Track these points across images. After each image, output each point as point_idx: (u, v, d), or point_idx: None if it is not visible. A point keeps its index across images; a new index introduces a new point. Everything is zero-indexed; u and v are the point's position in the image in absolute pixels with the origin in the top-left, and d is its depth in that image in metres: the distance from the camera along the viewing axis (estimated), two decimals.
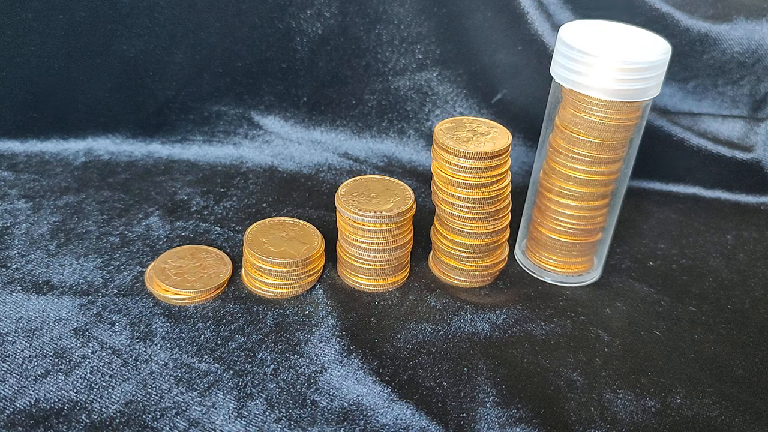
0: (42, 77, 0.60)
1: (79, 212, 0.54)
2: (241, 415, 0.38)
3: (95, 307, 0.44)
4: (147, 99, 0.63)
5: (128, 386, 0.39)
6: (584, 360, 0.43)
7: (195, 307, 0.45)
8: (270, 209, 0.56)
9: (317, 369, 0.41)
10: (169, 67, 0.62)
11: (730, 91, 0.64)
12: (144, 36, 0.60)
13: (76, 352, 0.41)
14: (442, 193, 0.46)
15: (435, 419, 0.38)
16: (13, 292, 0.45)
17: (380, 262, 0.47)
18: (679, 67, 0.63)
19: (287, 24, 0.61)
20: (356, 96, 0.65)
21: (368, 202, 0.46)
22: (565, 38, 0.43)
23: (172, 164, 0.62)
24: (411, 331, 0.44)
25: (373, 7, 0.61)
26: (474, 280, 0.49)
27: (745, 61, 0.62)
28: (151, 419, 0.37)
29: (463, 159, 0.43)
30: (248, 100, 0.65)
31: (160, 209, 0.55)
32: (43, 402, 0.38)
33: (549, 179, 0.48)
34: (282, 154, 0.64)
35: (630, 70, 0.41)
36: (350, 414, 0.38)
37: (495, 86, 0.64)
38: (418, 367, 0.42)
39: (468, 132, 0.46)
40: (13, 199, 0.55)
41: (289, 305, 0.46)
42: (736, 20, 0.61)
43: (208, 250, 0.50)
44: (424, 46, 0.63)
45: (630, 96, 0.42)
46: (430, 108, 0.65)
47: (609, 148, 0.45)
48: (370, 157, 0.65)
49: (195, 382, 0.39)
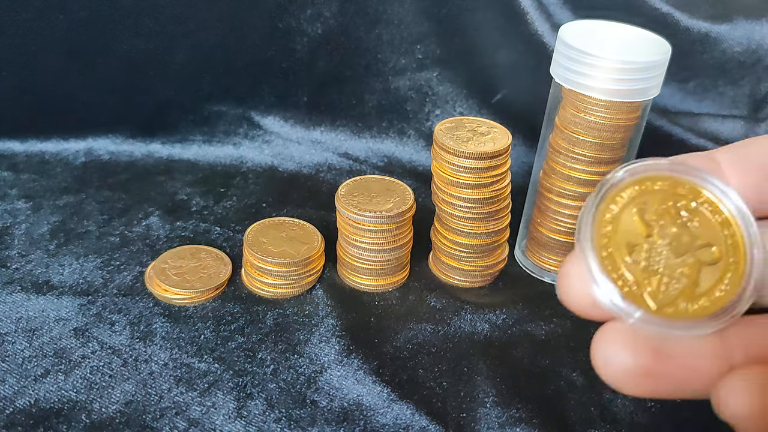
0: (42, 77, 0.60)
1: (79, 212, 0.54)
2: (241, 415, 0.38)
3: (95, 307, 0.44)
4: (147, 99, 0.63)
5: (128, 386, 0.39)
6: (584, 360, 0.43)
7: (195, 307, 0.45)
8: (270, 209, 0.56)
9: (317, 369, 0.41)
10: (169, 67, 0.62)
11: (730, 92, 0.64)
12: (144, 36, 0.60)
13: (76, 352, 0.41)
14: (442, 193, 0.46)
15: (435, 419, 0.38)
16: (13, 292, 0.45)
17: (380, 262, 0.47)
18: (679, 67, 0.63)
19: (287, 24, 0.61)
20: (356, 96, 0.65)
21: (368, 202, 0.46)
22: (565, 38, 0.43)
23: (172, 164, 0.62)
24: (411, 331, 0.44)
25: (373, 7, 0.61)
26: (474, 280, 0.49)
27: (745, 61, 0.62)
28: (151, 419, 0.37)
29: (463, 159, 0.43)
30: (248, 100, 0.65)
31: (160, 209, 0.55)
32: (43, 402, 0.38)
33: (549, 179, 0.48)
34: (282, 154, 0.64)
35: (630, 70, 0.41)
36: (350, 414, 0.38)
37: (495, 86, 0.64)
38: (418, 367, 0.42)
39: (468, 132, 0.46)
40: (13, 199, 0.55)
41: (289, 305, 0.46)
42: (736, 20, 0.61)
43: (208, 250, 0.50)
44: (424, 46, 0.63)
45: (630, 96, 0.42)
46: (430, 108, 0.65)
47: (609, 149, 0.45)
48: (370, 157, 0.65)
49: (195, 382, 0.39)
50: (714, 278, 0.27)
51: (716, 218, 0.28)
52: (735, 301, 0.27)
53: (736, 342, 0.28)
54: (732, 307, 0.27)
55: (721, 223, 0.28)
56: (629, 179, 0.28)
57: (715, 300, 0.27)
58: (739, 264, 0.28)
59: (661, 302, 0.27)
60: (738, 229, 0.28)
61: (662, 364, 0.27)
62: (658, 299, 0.27)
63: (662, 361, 0.27)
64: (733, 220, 0.28)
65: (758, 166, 0.29)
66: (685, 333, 0.27)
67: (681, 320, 0.27)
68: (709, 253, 0.28)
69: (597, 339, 0.29)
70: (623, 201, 0.28)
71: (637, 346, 0.27)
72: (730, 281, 0.27)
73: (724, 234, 0.28)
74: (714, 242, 0.28)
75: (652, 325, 0.27)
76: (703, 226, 0.28)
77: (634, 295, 0.27)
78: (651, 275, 0.27)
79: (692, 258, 0.28)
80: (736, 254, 0.28)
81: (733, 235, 0.28)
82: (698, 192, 0.28)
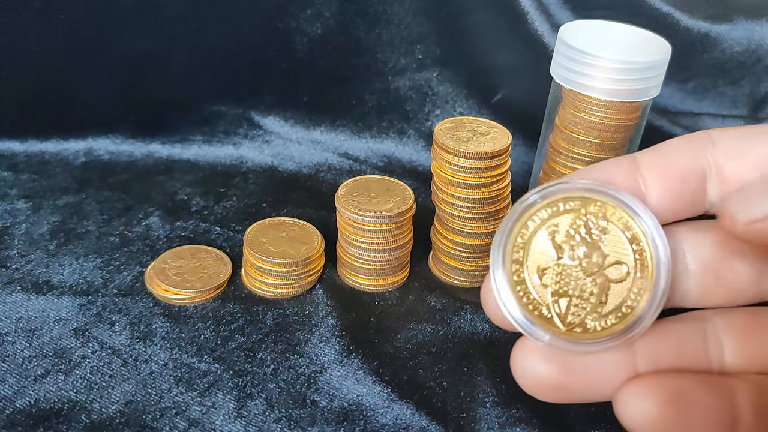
0: (42, 77, 0.60)
1: (79, 212, 0.54)
2: (241, 415, 0.38)
3: (95, 307, 0.44)
4: (147, 99, 0.63)
5: (128, 386, 0.39)
6: None
7: (195, 307, 0.45)
8: (270, 209, 0.56)
9: (317, 369, 0.41)
10: (169, 67, 0.62)
11: (730, 91, 0.64)
12: (144, 36, 0.60)
13: (76, 352, 0.41)
14: (442, 193, 0.46)
15: (435, 419, 0.38)
16: (12, 292, 0.45)
17: (380, 262, 0.47)
18: (679, 67, 0.63)
19: (287, 24, 0.61)
20: (356, 96, 0.65)
21: (368, 202, 0.46)
22: (565, 38, 0.43)
23: (172, 164, 0.62)
24: (411, 331, 0.44)
25: (373, 7, 0.61)
26: (474, 280, 0.49)
27: (745, 61, 0.62)
28: (151, 419, 0.37)
29: (463, 159, 0.43)
30: (248, 100, 0.65)
31: (160, 209, 0.55)
32: (42, 402, 0.38)
33: (549, 179, 0.48)
34: (282, 154, 0.64)
35: (630, 70, 0.41)
36: (350, 414, 0.38)
37: (495, 86, 0.64)
38: (418, 367, 0.42)
39: (468, 132, 0.46)
40: (13, 199, 0.55)
41: (289, 305, 0.46)
42: (736, 20, 0.61)
43: (208, 250, 0.50)
44: (424, 46, 0.63)
45: (630, 96, 0.42)
46: (430, 108, 0.65)
47: (609, 149, 0.45)
48: (370, 157, 0.65)
49: (195, 382, 0.39)
50: (622, 295, 0.29)
51: (627, 234, 0.29)
52: (641, 317, 0.29)
53: (643, 350, 0.30)
54: (638, 323, 0.29)
55: (630, 239, 0.29)
56: (541, 202, 0.30)
57: (622, 317, 0.29)
58: (647, 280, 0.29)
59: (569, 324, 0.29)
60: (647, 244, 0.29)
61: (572, 377, 0.29)
62: (566, 321, 0.29)
63: (572, 374, 0.29)
64: (642, 236, 0.29)
65: (678, 171, 0.30)
66: (592, 350, 0.29)
67: (588, 339, 0.29)
68: (618, 272, 0.29)
69: (515, 351, 0.31)
70: (535, 224, 0.30)
71: (550, 361, 0.29)
72: (637, 297, 0.29)
73: (633, 249, 0.29)
74: (623, 260, 0.29)
75: (561, 345, 0.28)
76: (613, 243, 0.29)
77: (542, 318, 0.29)
78: (560, 297, 0.29)
79: (601, 277, 0.29)
80: (644, 271, 0.29)
81: (642, 251, 0.29)
82: (608, 210, 0.29)
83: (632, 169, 0.30)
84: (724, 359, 0.31)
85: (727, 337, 0.31)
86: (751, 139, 0.29)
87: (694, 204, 0.30)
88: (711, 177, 0.30)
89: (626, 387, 0.30)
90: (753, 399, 0.30)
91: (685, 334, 0.31)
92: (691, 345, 0.31)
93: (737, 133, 0.30)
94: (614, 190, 0.29)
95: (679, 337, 0.31)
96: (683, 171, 0.30)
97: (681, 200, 0.30)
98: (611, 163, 0.31)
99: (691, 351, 0.31)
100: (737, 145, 0.29)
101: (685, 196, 0.30)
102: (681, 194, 0.30)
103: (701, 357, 0.31)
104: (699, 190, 0.30)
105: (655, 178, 0.30)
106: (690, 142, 0.31)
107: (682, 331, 0.31)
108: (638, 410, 0.29)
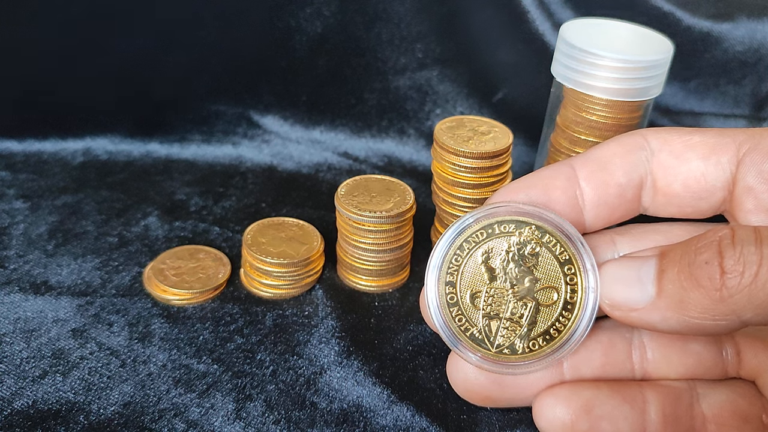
0: (40, 77, 0.60)
1: (77, 212, 0.54)
2: (240, 417, 0.37)
3: (93, 307, 0.44)
4: (145, 98, 0.63)
5: (126, 387, 0.39)
6: None
7: (193, 307, 0.45)
8: (269, 209, 0.56)
9: (317, 370, 0.41)
10: (168, 67, 0.61)
11: (732, 91, 0.63)
12: (142, 35, 0.60)
13: (74, 353, 0.41)
14: (442, 193, 0.46)
15: (435, 421, 0.38)
16: (10, 292, 0.45)
17: (380, 262, 0.46)
18: (681, 66, 0.63)
19: (286, 23, 0.61)
20: (356, 95, 0.64)
21: (368, 202, 0.46)
22: (567, 37, 0.43)
23: (170, 164, 0.62)
24: (411, 332, 0.44)
25: (372, 6, 0.61)
26: None
27: (747, 60, 0.62)
28: (150, 421, 0.37)
29: (464, 158, 0.43)
30: (247, 100, 0.64)
31: (159, 209, 0.55)
32: (40, 403, 0.37)
33: None
34: (281, 153, 0.64)
35: (631, 69, 0.41)
36: (350, 416, 0.38)
37: (496, 85, 0.64)
38: (418, 368, 0.41)
39: (469, 131, 0.45)
40: (11, 199, 0.55)
41: (288, 306, 0.46)
42: (738, 19, 0.61)
43: (207, 251, 0.49)
44: (424, 44, 0.63)
45: (631, 95, 0.42)
46: (430, 107, 0.65)
47: None
48: (370, 156, 0.64)
49: (193, 384, 0.39)
50: (551, 319, 0.30)
51: (560, 258, 0.30)
52: (568, 340, 0.30)
53: (569, 359, 0.32)
54: (565, 345, 0.30)
55: (562, 263, 0.30)
56: (476, 225, 0.30)
57: (550, 339, 0.30)
58: (577, 304, 0.30)
59: (498, 346, 0.30)
60: (578, 269, 0.30)
61: (500, 389, 0.32)
62: (495, 343, 0.30)
63: (501, 387, 0.32)
64: (574, 261, 0.30)
65: (615, 185, 0.31)
66: (518, 372, 0.31)
67: (516, 361, 0.30)
68: (548, 296, 0.30)
69: (450, 361, 0.34)
70: (470, 246, 0.30)
71: (482, 373, 0.32)
72: (566, 321, 0.30)
73: (564, 273, 0.30)
74: (554, 284, 0.30)
75: (489, 367, 0.30)
76: (545, 268, 0.30)
77: (473, 339, 0.30)
78: (491, 319, 0.30)
79: (532, 301, 0.30)
80: (573, 296, 0.30)
81: (574, 276, 0.30)
82: (542, 234, 0.30)
83: (570, 182, 0.32)
84: (646, 366, 0.33)
85: (651, 345, 0.33)
86: (686, 155, 0.31)
87: (628, 212, 0.32)
88: (646, 186, 0.32)
89: (543, 395, 0.32)
90: (663, 409, 0.32)
91: (611, 343, 0.33)
92: (617, 354, 0.33)
93: (675, 148, 0.31)
94: (549, 213, 0.30)
95: (606, 345, 0.33)
96: (620, 186, 0.31)
97: (616, 211, 0.32)
98: (549, 174, 0.32)
99: (616, 359, 0.33)
100: (672, 164, 0.31)
101: (620, 207, 0.32)
102: (616, 206, 0.32)
103: (626, 365, 0.33)
104: (634, 200, 0.32)
105: (592, 192, 0.31)
106: (628, 151, 0.32)
107: (610, 341, 0.33)
108: (552, 418, 0.31)
